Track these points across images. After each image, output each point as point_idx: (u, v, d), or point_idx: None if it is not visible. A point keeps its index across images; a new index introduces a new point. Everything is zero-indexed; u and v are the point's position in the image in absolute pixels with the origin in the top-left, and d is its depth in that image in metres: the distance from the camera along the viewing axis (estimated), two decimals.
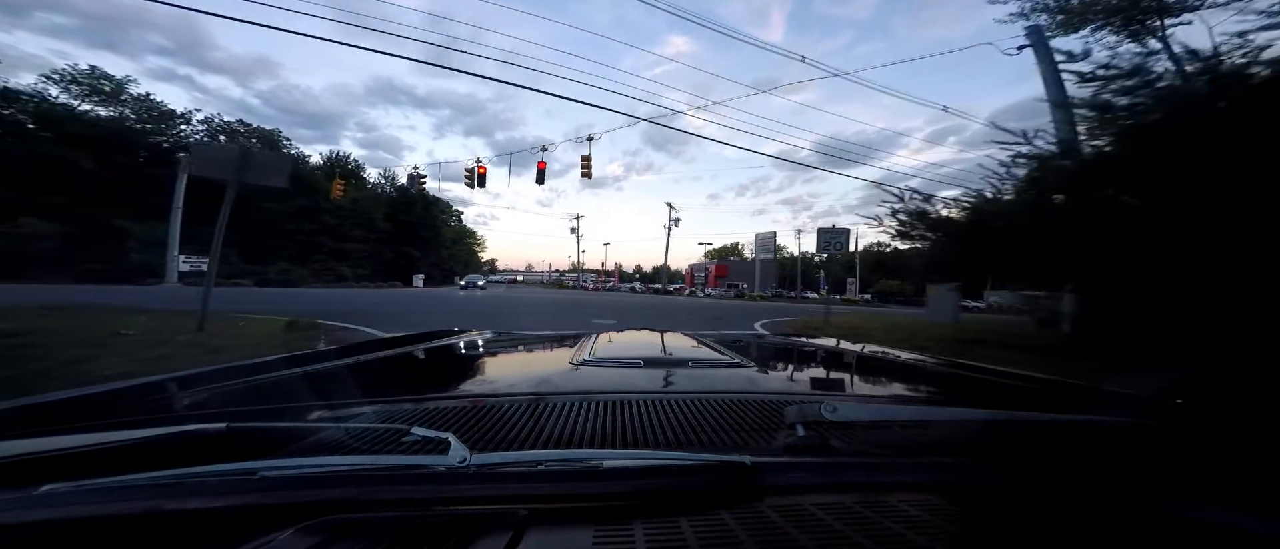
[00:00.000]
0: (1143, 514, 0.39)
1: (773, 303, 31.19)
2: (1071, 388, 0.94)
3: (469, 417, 0.60)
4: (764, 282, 51.55)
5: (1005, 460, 0.50)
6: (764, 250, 47.06)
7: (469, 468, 0.38)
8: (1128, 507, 0.39)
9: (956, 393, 1.00)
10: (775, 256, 49.96)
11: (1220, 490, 0.42)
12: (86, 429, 0.45)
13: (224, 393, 0.78)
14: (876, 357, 1.37)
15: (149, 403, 0.70)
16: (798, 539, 0.32)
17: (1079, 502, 0.40)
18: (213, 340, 4.51)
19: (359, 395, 0.80)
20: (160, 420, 0.54)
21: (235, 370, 0.87)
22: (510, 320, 9.39)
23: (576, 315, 11.44)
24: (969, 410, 0.68)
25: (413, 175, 15.80)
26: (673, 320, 11.12)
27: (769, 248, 46.47)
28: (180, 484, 0.36)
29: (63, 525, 0.32)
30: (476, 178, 13.72)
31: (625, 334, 1.50)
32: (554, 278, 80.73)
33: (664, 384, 0.85)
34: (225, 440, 0.46)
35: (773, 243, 46.26)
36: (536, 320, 9.65)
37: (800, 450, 0.49)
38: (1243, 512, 0.38)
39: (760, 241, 47.51)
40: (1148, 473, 0.47)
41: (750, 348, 1.37)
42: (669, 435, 0.54)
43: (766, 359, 1.21)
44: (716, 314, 13.96)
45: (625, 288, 58.41)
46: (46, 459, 0.40)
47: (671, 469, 0.41)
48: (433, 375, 1.09)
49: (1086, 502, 0.40)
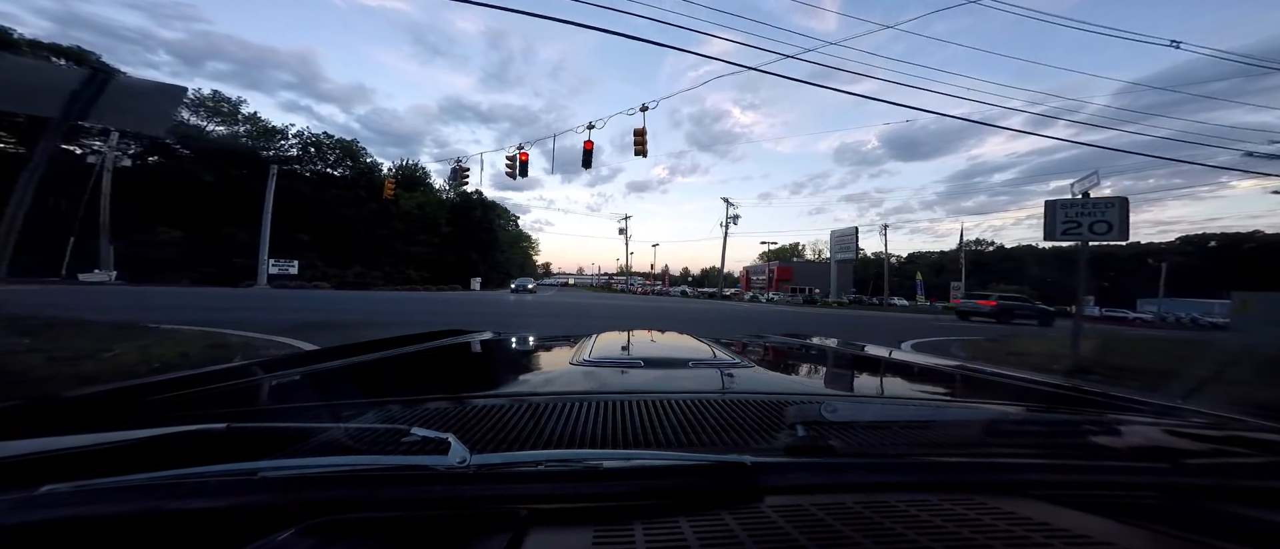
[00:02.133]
0: (1144, 509, 0.39)
1: (864, 312, 24.72)
2: (1071, 388, 0.93)
3: (469, 417, 0.60)
4: (842, 285, 45.30)
5: (1006, 460, 0.50)
6: (843, 250, 40.13)
7: (469, 468, 0.38)
8: (1128, 504, 0.40)
9: (956, 393, 1.03)
10: (856, 257, 43.19)
11: (1226, 487, 0.42)
12: (86, 429, 0.45)
13: (224, 393, 0.77)
14: (876, 357, 1.37)
15: (149, 403, 0.69)
16: (798, 539, 0.32)
17: (1079, 501, 0.39)
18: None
19: (359, 395, 0.81)
20: (160, 420, 0.53)
21: (235, 370, 0.86)
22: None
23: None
24: (969, 410, 0.70)
25: (455, 169, 15.28)
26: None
27: (849, 247, 39.59)
28: (180, 484, 0.36)
29: (63, 525, 0.32)
30: (518, 165, 13.24)
31: (625, 334, 1.49)
32: (603, 281, 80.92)
33: (664, 384, 0.85)
34: (225, 440, 0.46)
35: (853, 240, 39.40)
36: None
37: (800, 450, 0.49)
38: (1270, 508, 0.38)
39: (837, 239, 40.79)
40: (1147, 471, 0.47)
41: (750, 348, 1.38)
42: (669, 435, 0.54)
43: (766, 359, 1.24)
44: (829, 332, 10.72)
45: (676, 292, 56.08)
46: (47, 459, 0.40)
47: (671, 469, 0.41)
48: (433, 375, 1.09)
49: (1087, 501, 0.39)
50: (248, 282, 24.82)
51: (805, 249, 79.86)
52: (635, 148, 11.41)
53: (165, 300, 10.74)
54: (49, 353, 3.02)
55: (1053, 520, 0.35)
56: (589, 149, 11.87)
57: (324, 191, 34.54)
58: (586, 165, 12.15)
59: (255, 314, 8.14)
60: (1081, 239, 5.49)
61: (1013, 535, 0.32)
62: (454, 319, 9.46)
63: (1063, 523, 0.35)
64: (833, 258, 42.50)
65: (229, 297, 13.39)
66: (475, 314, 11.19)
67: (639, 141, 11.38)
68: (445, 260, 41.22)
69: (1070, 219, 5.50)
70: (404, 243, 37.87)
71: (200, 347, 3.77)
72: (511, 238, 63.57)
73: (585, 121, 11.66)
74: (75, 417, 0.62)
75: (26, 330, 3.63)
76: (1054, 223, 5.65)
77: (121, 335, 3.89)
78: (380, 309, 10.95)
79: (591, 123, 11.88)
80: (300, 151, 36.51)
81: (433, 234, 40.77)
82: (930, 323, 15.41)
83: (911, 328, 12.17)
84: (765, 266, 63.62)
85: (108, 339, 3.63)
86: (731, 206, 41.97)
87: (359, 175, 37.24)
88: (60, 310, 5.07)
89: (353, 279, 30.38)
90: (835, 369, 1.26)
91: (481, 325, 2.14)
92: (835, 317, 17.43)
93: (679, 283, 72.96)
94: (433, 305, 13.61)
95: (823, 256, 69.18)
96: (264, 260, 25.67)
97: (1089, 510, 0.37)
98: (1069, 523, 0.35)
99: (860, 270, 50.83)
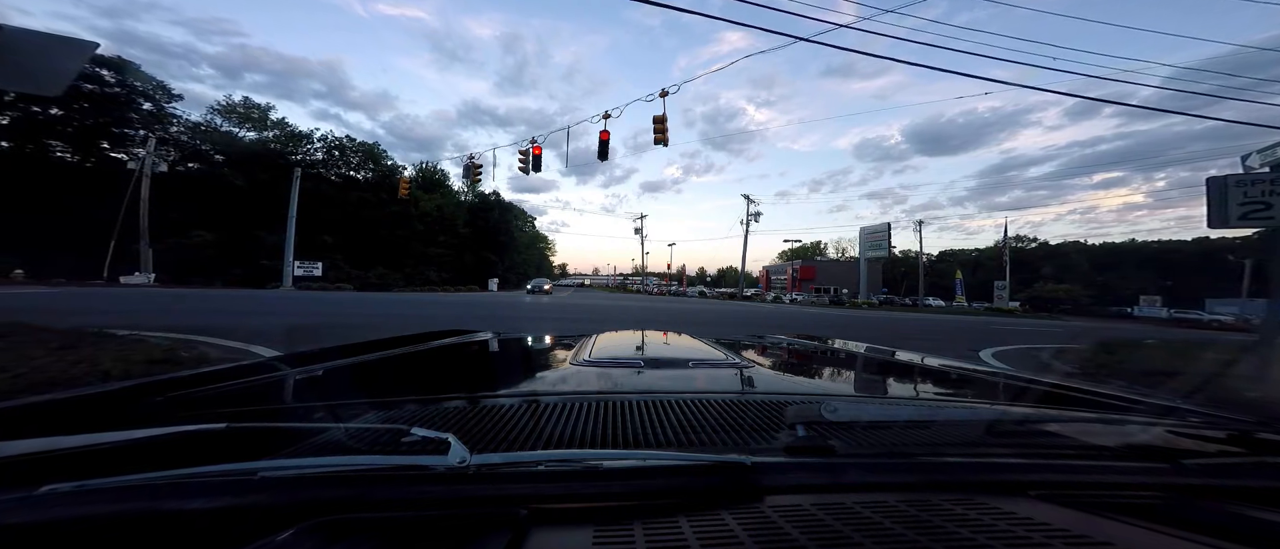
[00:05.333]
0: (1144, 509, 0.39)
1: (902, 314, 22.42)
2: (1071, 388, 0.93)
3: (469, 417, 0.60)
4: (870, 285, 42.81)
5: (1006, 460, 0.49)
6: (873, 247, 37.85)
7: (469, 468, 0.38)
8: (1128, 504, 0.39)
9: (956, 393, 1.03)
10: (888, 254, 40.28)
11: (1231, 486, 0.43)
12: (86, 429, 0.45)
13: (224, 393, 0.77)
14: (876, 357, 1.39)
15: (149, 403, 0.68)
16: (798, 539, 0.32)
17: (1079, 501, 0.39)
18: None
19: (359, 396, 0.80)
20: (160, 420, 0.52)
21: (235, 370, 0.86)
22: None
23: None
24: (969, 410, 0.70)
25: (468, 166, 14.94)
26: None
27: (881, 244, 37.32)
28: (180, 484, 0.36)
29: (63, 525, 0.32)
30: (531, 159, 12.88)
31: (625, 334, 1.50)
32: (618, 281, 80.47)
33: (664, 384, 0.85)
34: (225, 440, 0.46)
35: (885, 237, 37.03)
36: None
37: (800, 450, 0.49)
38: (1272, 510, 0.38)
39: (867, 236, 38.44)
40: (1148, 471, 0.46)
41: (750, 348, 1.36)
42: (669, 435, 0.54)
43: (767, 359, 1.22)
44: (891, 340, 8.10)
45: (693, 292, 54.84)
46: (47, 459, 0.40)
47: (671, 469, 0.41)
48: (433, 375, 1.08)
49: (1087, 501, 0.40)
50: (273, 284, 25.41)
51: (827, 247, 77.04)
52: (655, 136, 10.71)
53: (176, 303, 10.71)
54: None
55: (1053, 520, 0.35)
56: (605, 140, 11.27)
57: (347, 194, 35.28)
58: (603, 157, 11.54)
59: (251, 319, 7.82)
60: (1270, 225, 3.99)
61: (1013, 535, 0.32)
62: (454, 323, 8.95)
63: (1063, 523, 0.35)
64: (862, 256, 40.24)
65: (246, 300, 13.39)
66: (483, 317, 10.71)
67: (659, 129, 10.65)
68: (464, 262, 41.58)
69: (1252, 199, 3.99)
70: (424, 244, 38.31)
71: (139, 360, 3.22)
72: (528, 239, 63.90)
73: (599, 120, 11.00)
74: (75, 417, 0.62)
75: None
76: (1226, 205, 4.18)
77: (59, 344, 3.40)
78: (386, 311, 10.64)
79: (607, 112, 11.25)
80: (325, 155, 37.47)
81: (451, 236, 41.14)
82: (1008, 327, 13.68)
83: (983, 333, 10.52)
84: (786, 266, 61.28)
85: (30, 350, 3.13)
86: (752, 204, 40.47)
87: (381, 178, 37.88)
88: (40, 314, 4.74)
89: (375, 280, 30.80)
90: (835, 369, 1.25)
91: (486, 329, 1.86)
92: (876, 321, 15.69)
93: (696, 283, 71.74)
94: (441, 309, 13.13)
95: (847, 255, 66.28)
96: (289, 263, 26.23)
97: (1089, 510, 0.37)
98: (1069, 523, 0.35)
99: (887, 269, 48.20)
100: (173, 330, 5.43)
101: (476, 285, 37.60)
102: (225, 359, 3.90)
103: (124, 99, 26.52)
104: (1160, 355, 5.27)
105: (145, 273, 22.03)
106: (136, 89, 27.08)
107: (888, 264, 51.60)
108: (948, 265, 54.43)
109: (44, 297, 11.40)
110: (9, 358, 2.92)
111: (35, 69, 2.76)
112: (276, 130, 35.32)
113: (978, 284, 47.28)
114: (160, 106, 28.27)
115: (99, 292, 14.67)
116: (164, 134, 27.99)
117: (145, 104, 27.58)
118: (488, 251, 44.38)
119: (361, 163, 39.26)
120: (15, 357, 2.97)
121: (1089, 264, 53.27)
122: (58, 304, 8.94)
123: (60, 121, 24.99)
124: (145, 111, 27.52)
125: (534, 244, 68.48)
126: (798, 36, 8.07)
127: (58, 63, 2.81)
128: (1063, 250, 58.25)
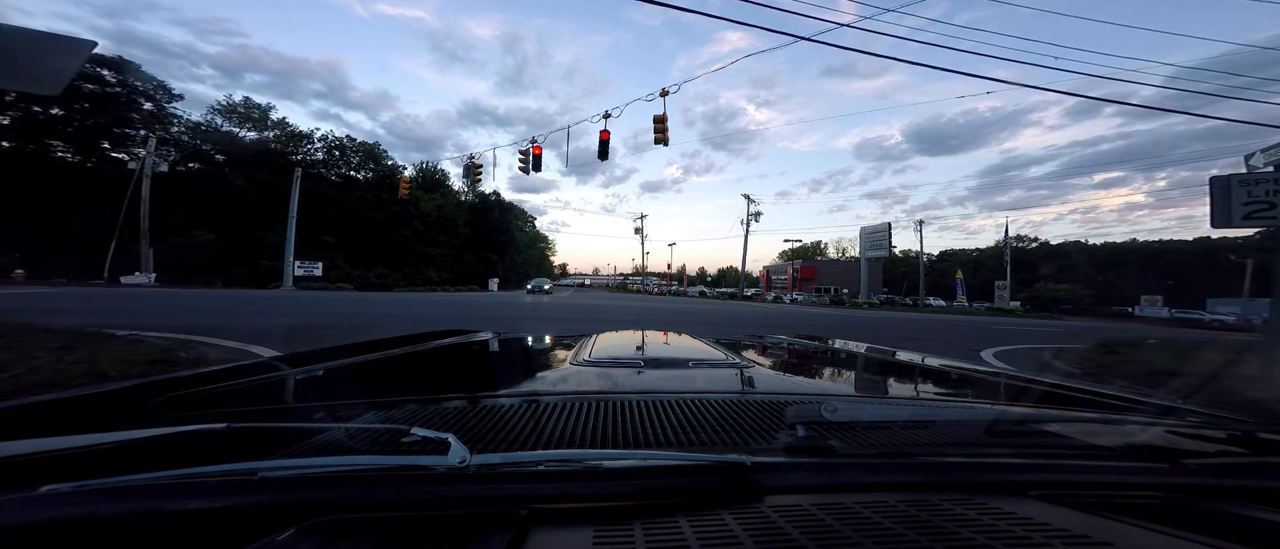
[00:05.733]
0: (1144, 509, 0.39)
1: (905, 315, 22.01)
2: (1071, 388, 0.93)
3: (469, 417, 0.60)
4: (871, 285, 42.73)
5: (1006, 460, 0.49)
6: (874, 247, 37.57)
7: (469, 468, 0.38)
8: (1128, 504, 0.39)
9: (956, 393, 1.03)
10: (888, 254, 40.20)
11: (1232, 485, 0.43)
12: (86, 429, 0.45)
13: (224, 393, 0.77)
14: (876, 357, 1.38)
15: (149, 403, 0.68)
16: (798, 539, 0.32)
17: (1079, 501, 0.39)
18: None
19: (359, 396, 0.80)
20: (160, 420, 0.53)
21: (235, 370, 0.85)
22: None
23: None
24: (969, 410, 0.70)
25: (468, 165, 14.93)
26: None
27: (881, 244, 37.07)
28: (180, 484, 0.36)
29: (63, 525, 0.32)
30: (531, 159, 12.87)
31: (625, 334, 1.50)
32: (618, 281, 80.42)
33: (664, 384, 0.85)
34: (225, 440, 0.46)
35: (886, 237, 36.83)
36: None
37: (800, 450, 0.49)
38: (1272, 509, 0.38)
39: (868, 236, 38.01)
40: (1147, 471, 0.46)
41: (750, 348, 1.36)
42: (669, 435, 0.54)
43: (766, 359, 1.22)
44: (890, 340, 8.07)
45: (694, 292, 54.80)
46: (47, 459, 0.40)
47: (671, 469, 0.41)
48: (433, 375, 1.07)
49: (1087, 501, 0.39)
50: (274, 284, 25.40)
51: (828, 247, 76.93)
52: (656, 136, 10.69)
53: (177, 303, 10.71)
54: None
55: (1053, 520, 0.35)
56: (605, 140, 11.26)
57: (348, 194, 35.27)
58: (603, 157, 11.53)
59: (251, 319, 7.82)
60: (1274, 225, 3.97)
61: (1013, 535, 0.32)
62: (454, 324, 8.94)
63: (1063, 523, 0.35)
64: (863, 256, 40.06)
65: (247, 300, 13.42)
66: (483, 317, 10.72)
67: (659, 129, 10.64)
68: (464, 262, 41.53)
69: (1256, 199, 3.95)
70: (424, 244, 38.28)
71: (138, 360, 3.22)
72: (528, 239, 63.85)
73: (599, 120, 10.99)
74: (75, 417, 0.61)
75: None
76: (1229, 205, 4.12)
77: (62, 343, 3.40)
78: (386, 311, 10.62)
79: (608, 112, 11.24)
80: (325, 155, 37.46)
81: (452, 236, 41.11)
82: (1009, 327, 13.68)
83: (984, 333, 10.58)
84: (787, 265, 61.14)
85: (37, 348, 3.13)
86: (752, 203, 40.45)
87: (381, 178, 37.86)
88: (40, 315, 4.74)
89: (375, 280, 30.78)
90: (835, 369, 1.25)
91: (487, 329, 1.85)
92: (876, 321, 15.64)
93: (696, 283, 71.62)
94: (441, 309, 13.12)
95: (847, 255, 66.20)
96: (290, 263, 26.22)
97: (1089, 510, 0.37)
98: (1069, 523, 0.35)
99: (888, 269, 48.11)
100: (173, 331, 5.43)
101: (477, 285, 37.56)
102: (225, 359, 3.89)
103: (124, 99, 26.49)
104: (1162, 355, 5.25)
105: (146, 273, 22.04)
106: (137, 89, 27.04)
107: (888, 264, 51.62)
108: (948, 265, 54.42)
109: (44, 297, 11.40)
110: (8, 358, 2.91)
111: (34, 68, 2.74)
112: (277, 130, 35.31)
113: (978, 284, 47.22)
114: (161, 106, 28.26)
115: (99, 292, 14.67)
116: (164, 134, 28.01)
117: (146, 104, 27.56)
118: (488, 251, 44.36)
119: (362, 163, 39.27)
120: (15, 357, 2.97)
121: (1090, 264, 53.20)
122: (58, 304, 8.95)
123: (61, 121, 24.99)
124: (146, 111, 27.50)
125: (534, 244, 68.46)
126: (798, 36, 8.06)
127: (56, 62, 2.78)
128: (1064, 250, 58.19)
